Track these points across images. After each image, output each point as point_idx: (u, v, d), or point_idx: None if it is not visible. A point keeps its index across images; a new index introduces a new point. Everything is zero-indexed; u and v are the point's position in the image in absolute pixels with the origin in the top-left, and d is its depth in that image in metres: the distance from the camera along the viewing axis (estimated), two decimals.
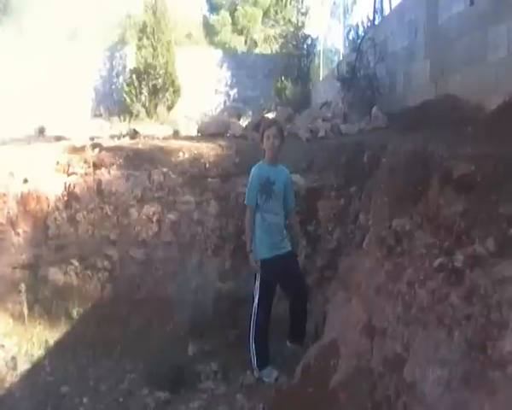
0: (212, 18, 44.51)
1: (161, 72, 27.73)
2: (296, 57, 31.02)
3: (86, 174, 9.70)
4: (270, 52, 36.71)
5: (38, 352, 7.91)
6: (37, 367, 7.59)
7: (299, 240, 7.60)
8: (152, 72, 27.61)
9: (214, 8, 44.92)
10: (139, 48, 28.13)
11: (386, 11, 15.98)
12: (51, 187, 9.52)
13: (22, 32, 30.66)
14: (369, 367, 4.27)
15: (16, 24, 31.96)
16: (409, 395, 3.56)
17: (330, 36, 34.41)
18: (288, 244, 7.22)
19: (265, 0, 41.71)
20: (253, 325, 6.93)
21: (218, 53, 34.50)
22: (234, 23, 42.74)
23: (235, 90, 32.78)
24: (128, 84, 28.25)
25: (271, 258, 6.91)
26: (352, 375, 4.45)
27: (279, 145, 7.07)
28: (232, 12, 42.78)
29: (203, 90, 30.23)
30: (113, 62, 31.67)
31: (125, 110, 26.68)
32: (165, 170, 9.68)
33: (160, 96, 27.91)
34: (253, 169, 7.12)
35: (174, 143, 10.84)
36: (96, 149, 10.19)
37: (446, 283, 3.72)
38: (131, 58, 29.19)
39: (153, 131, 14.84)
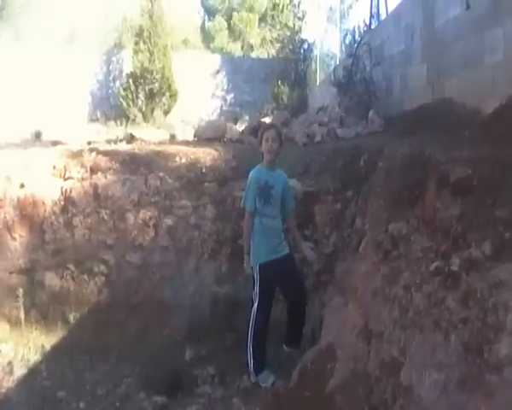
0: (208, 23, 44.56)
1: (158, 76, 27.67)
2: (293, 62, 30.98)
3: (83, 179, 9.68)
4: (266, 56, 36.72)
5: (35, 357, 7.92)
6: (33, 372, 7.59)
7: (300, 243, 7.57)
8: (148, 76, 27.56)
9: (210, 14, 44.96)
10: (136, 52, 28.07)
11: (383, 15, 15.99)
12: (48, 192, 9.51)
13: (19, 36, 30.70)
14: (366, 371, 4.27)
15: (13, 28, 32.01)
16: (405, 398, 3.56)
17: (327, 40, 34.50)
18: (286, 247, 7.23)
19: (261, 5, 41.78)
20: (251, 329, 6.92)
21: (215, 57, 34.48)
22: (230, 28, 42.76)
23: (232, 95, 32.75)
24: (125, 89, 28.20)
25: (270, 261, 6.92)
26: (348, 379, 4.45)
27: (278, 148, 7.07)
28: (228, 17, 42.81)
29: (200, 95, 30.18)
30: (110, 67, 31.62)
31: (121, 114, 26.61)
32: (161, 174, 9.67)
33: (157, 100, 27.87)
34: (252, 172, 7.10)
35: (171, 148, 10.83)
36: (93, 154, 10.16)
37: (443, 286, 3.73)
38: (128, 62, 29.14)
39: (149, 135, 14.83)
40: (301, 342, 7.27)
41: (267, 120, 15.80)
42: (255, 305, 6.94)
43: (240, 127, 15.77)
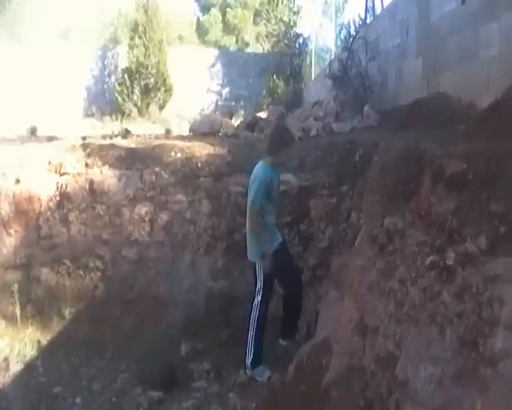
0: (203, 17, 44.53)
1: (153, 71, 27.68)
2: (288, 56, 30.93)
3: (78, 174, 9.67)
4: (261, 51, 36.67)
5: (31, 352, 7.92)
6: (29, 368, 7.60)
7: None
8: (144, 71, 27.57)
9: (205, 8, 44.95)
10: (131, 47, 28.08)
11: (378, 10, 15.96)
12: (43, 187, 9.50)
13: (14, 30, 30.54)
14: (362, 365, 4.28)
15: (7, 23, 31.85)
16: (401, 392, 3.57)
17: (322, 35, 34.35)
18: (280, 236, 7.34)
19: (255, 0, 41.79)
20: (254, 322, 6.96)
21: (210, 52, 34.44)
22: (224, 22, 42.75)
23: (227, 89, 32.76)
24: (120, 84, 28.21)
25: (271, 255, 6.98)
26: (344, 373, 4.46)
27: None
28: (223, 12, 42.81)
29: (195, 89, 30.15)
30: (105, 62, 31.59)
31: (116, 110, 26.58)
32: (157, 169, 9.66)
33: (152, 95, 27.88)
34: (260, 171, 7.08)
35: (166, 143, 10.81)
36: (88, 149, 10.16)
37: (438, 280, 3.73)
38: (123, 57, 29.13)
39: (145, 130, 14.84)
40: (296, 334, 7.33)
41: (263, 114, 15.79)
42: (258, 299, 6.99)
43: (235, 122, 15.80)
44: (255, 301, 7.00)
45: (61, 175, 9.72)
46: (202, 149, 10.26)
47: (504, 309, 3.02)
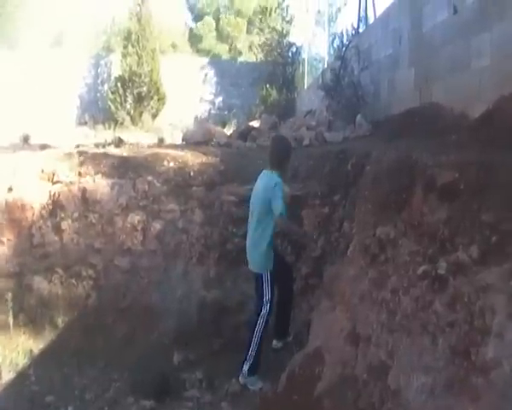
0: (196, 25, 44.51)
1: (146, 79, 27.69)
2: (281, 65, 30.90)
3: (71, 183, 9.64)
4: (254, 60, 36.66)
5: (23, 361, 7.90)
6: (21, 377, 7.58)
7: None
8: (137, 79, 27.58)
9: (198, 17, 44.94)
10: (124, 56, 28.09)
11: (371, 19, 15.97)
12: (36, 195, 9.48)
13: (6, 38, 30.51)
14: (354, 375, 4.28)
15: (2, 30, 31.81)
16: (393, 402, 3.57)
17: (315, 44, 34.22)
18: None
19: (248, 9, 41.81)
20: (259, 330, 7.03)
21: (203, 61, 34.43)
22: (218, 30, 42.76)
23: (220, 98, 32.78)
24: (113, 92, 28.20)
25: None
26: (336, 383, 4.46)
27: None
28: (216, 21, 42.83)
29: (188, 98, 30.14)
30: (99, 70, 31.62)
31: (109, 118, 26.56)
32: (149, 178, 9.65)
33: (145, 103, 27.87)
34: (278, 179, 7.16)
35: (159, 152, 10.80)
36: (81, 158, 10.13)
37: (430, 290, 3.74)
38: (116, 66, 29.14)
39: (137, 139, 14.82)
40: (288, 337, 7.51)
41: (255, 123, 15.80)
42: (266, 309, 7.05)
43: (228, 131, 15.81)
44: (263, 312, 7.05)
45: (54, 183, 9.70)
46: (195, 158, 10.25)
47: (496, 319, 3.04)
